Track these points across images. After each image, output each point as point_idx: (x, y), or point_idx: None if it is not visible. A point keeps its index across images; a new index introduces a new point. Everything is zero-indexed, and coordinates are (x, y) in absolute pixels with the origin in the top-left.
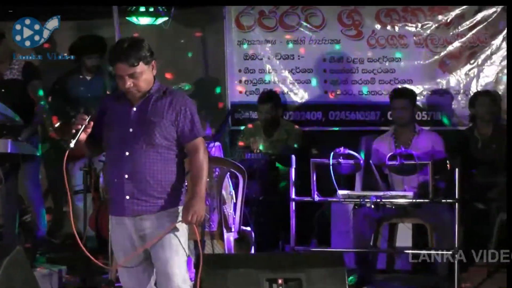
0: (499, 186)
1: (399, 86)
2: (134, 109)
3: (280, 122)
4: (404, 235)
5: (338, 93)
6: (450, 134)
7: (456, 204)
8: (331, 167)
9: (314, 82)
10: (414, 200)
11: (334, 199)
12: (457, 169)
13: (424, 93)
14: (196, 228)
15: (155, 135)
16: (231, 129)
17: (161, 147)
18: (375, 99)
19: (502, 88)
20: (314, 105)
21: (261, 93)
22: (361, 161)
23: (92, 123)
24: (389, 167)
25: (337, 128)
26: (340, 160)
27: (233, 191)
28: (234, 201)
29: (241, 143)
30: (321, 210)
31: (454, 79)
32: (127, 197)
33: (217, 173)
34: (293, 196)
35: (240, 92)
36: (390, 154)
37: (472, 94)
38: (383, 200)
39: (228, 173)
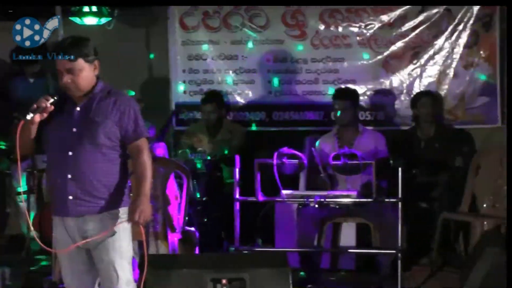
0: (441, 185)
1: (342, 86)
2: (78, 108)
3: (224, 122)
4: (348, 235)
5: (282, 93)
6: (393, 134)
7: (399, 203)
8: (275, 167)
9: (257, 82)
10: (357, 200)
11: (278, 199)
12: (400, 169)
13: (368, 93)
14: (143, 228)
15: (98, 135)
16: (175, 129)
17: (105, 147)
18: (319, 99)
19: (445, 88)
20: (257, 105)
21: (204, 93)
22: (305, 161)
23: (53, 107)
24: (333, 167)
25: (280, 129)
26: (284, 160)
27: (178, 192)
28: (179, 201)
29: (185, 143)
30: (265, 210)
31: (397, 79)
32: (70, 197)
33: (161, 173)
34: (237, 196)
35: (185, 92)
36: (333, 153)
37: (414, 94)
38: (326, 199)
39: (173, 173)
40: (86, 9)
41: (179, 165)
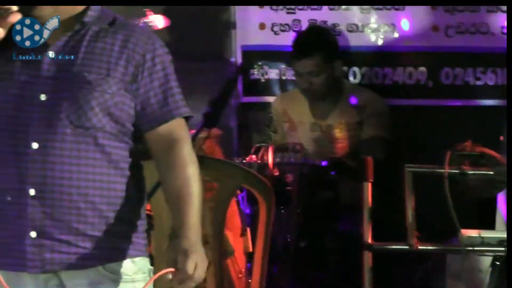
0: None
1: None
2: (51, 54)
3: (343, 86)
4: None
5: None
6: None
7: None
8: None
9: None
10: None
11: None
12: None
13: None
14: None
15: (91, 108)
16: (243, 102)
17: (102, 133)
18: None
19: None
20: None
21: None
22: None
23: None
24: None
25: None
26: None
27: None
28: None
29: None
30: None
31: None
32: (33, 233)
33: (214, 192)
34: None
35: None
36: None
37: None
38: None
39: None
40: None
41: (252, 177)
